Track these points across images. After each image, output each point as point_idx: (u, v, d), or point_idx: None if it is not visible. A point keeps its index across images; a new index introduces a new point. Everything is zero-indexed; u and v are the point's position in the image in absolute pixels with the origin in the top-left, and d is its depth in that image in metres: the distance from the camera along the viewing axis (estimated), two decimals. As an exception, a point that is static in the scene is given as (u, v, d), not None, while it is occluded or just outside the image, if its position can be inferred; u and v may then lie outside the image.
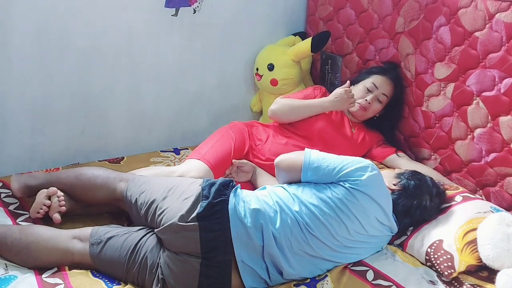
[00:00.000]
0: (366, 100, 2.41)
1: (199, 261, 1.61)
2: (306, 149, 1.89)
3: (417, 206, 1.87)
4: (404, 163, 2.38)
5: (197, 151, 2.29)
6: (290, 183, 1.87)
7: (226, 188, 1.76)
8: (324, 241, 1.71)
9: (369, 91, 2.42)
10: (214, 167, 2.18)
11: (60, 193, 1.92)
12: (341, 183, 1.76)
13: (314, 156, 1.83)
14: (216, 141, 2.31)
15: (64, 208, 1.90)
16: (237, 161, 2.23)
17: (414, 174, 1.95)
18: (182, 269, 1.61)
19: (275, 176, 2.02)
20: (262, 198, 1.76)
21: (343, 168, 1.77)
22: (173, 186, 1.79)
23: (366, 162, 1.82)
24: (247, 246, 1.66)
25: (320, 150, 1.93)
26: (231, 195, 1.72)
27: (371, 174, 1.77)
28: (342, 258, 1.77)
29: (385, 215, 1.80)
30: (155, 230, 1.71)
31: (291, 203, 1.74)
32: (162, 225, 1.67)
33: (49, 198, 1.92)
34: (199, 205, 1.66)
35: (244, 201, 1.73)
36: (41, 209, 1.90)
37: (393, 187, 1.89)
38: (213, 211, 1.66)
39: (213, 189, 1.72)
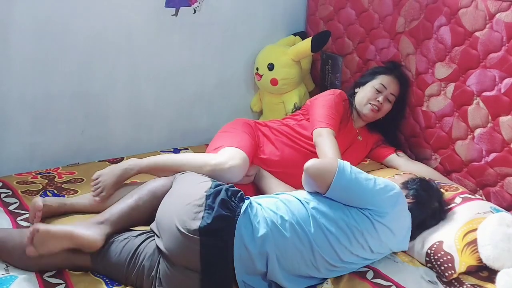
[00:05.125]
0: (378, 101, 2.36)
1: (199, 277, 1.56)
2: (339, 160, 1.73)
3: (432, 216, 1.86)
4: (404, 163, 2.38)
5: (225, 142, 2.14)
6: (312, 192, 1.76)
7: (233, 199, 1.66)
8: (332, 263, 1.67)
9: (378, 92, 2.37)
10: (249, 155, 2.07)
11: (39, 213, 1.87)
12: (366, 212, 1.68)
13: (347, 170, 1.69)
14: (237, 134, 2.21)
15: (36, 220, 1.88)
16: None
17: (421, 182, 1.90)
18: (182, 282, 1.57)
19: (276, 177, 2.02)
20: (272, 219, 1.63)
21: (376, 194, 1.69)
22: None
23: (396, 189, 1.74)
24: (249, 269, 1.60)
25: None
26: (240, 218, 1.60)
27: (399, 207, 1.73)
28: (344, 271, 1.74)
29: (398, 245, 1.79)
30: (154, 226, 1.68)
31: (307, 226, 1.64)
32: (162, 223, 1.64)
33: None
34: (202, 217, 1.57)
35: (253, 224, 1.61)
36: (35, 217, 1.90)
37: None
38: (217, 228, 1.57)
39: (218, 200, 1.61)
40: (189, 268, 1.56)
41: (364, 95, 2.39)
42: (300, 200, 1.72)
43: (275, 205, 1.69)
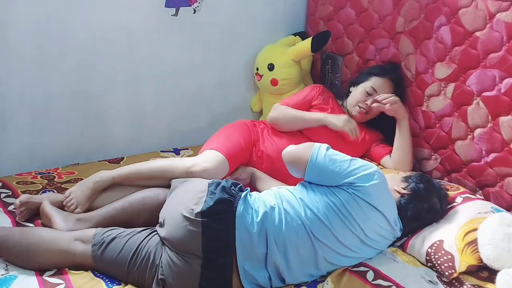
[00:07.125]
0: (366, 104, 2.39)
1: (200, 263, 1.60)
2: (315, 144, 1.82)
3: (428, 209, 1.87)
4: (390, 161, 2.39)
5: (209, 144, 2.22)
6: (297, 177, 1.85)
7: (233, 188, 1.75)
8: (329, 245, 1.71)
9: (368, 94, 2.40)
10: (230, 157, 2.13)
11: (18, 210, 1.94)
12: (345, 187, 1.74)
13: (321, 155, 1.78)
14: (226, 135, 2.27)
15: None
16: (233, 175, 2.18)
17: (422, 177, 1.95)
18: (183, 270, 1.60)
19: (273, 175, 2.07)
20: (268, 203, 1.74)
21: (349, 174, 1.75)
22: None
23: (373, 169, 1.79)
24: (250, 254, 1.65)
25: None
26: (240, 202, 1.70)
27: (375, 182, 1.75)
28: (344, 262, 1.76)
29: (387, 223, 1.79)
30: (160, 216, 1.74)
31: (297, 206, 1.73)
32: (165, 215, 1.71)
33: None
34: (205, 200, 1.66)
35: (253, 208, 1.71)
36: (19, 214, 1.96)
37: (403, 191, 1.87)
38: (218, 210, 1.65)
39: (220, 187, 1.72)
40: (191, 252, 1.61)
41: (354, 97, 2.44)
42: (288, 189, 1.83)
43: (269, 194, 1.83)
